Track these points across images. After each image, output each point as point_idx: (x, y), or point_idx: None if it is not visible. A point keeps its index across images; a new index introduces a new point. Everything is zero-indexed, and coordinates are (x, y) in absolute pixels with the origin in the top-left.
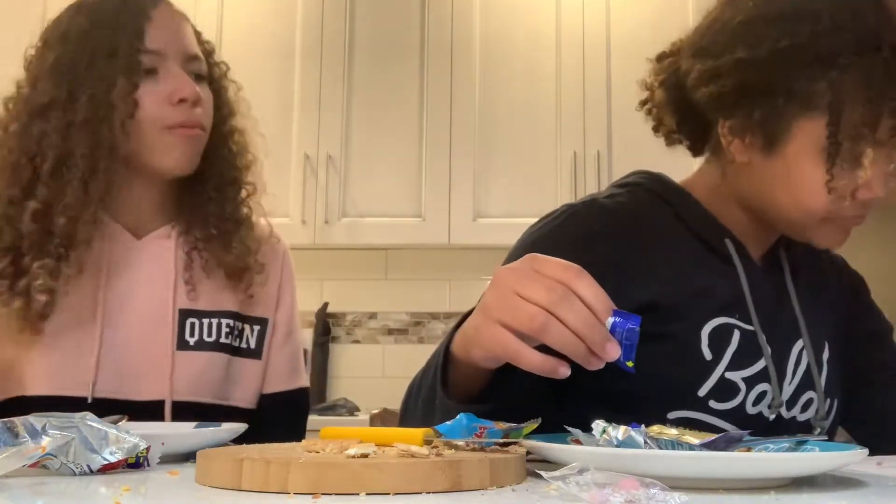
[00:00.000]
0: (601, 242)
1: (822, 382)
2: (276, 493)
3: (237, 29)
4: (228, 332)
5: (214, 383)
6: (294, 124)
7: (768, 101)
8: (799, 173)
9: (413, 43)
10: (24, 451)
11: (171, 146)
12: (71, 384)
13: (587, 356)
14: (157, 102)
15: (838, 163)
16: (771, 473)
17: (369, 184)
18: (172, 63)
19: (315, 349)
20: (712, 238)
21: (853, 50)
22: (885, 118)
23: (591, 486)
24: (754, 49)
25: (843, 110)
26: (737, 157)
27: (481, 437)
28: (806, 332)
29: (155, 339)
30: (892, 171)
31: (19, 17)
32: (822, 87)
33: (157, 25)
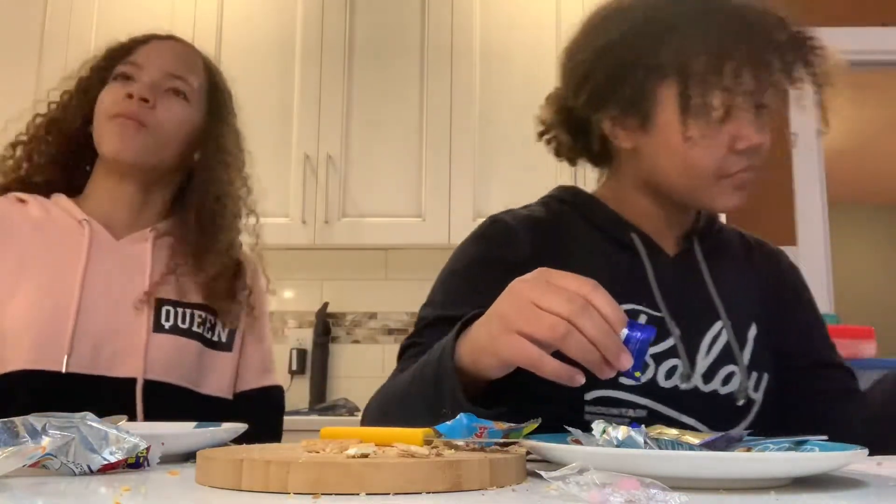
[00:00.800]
0: (520, 240)
1: (744, 357)
2: (276, 493)
3: (237, 29)
4: (201, 322)
5: (187, 368)
6: (294, 124)
7: (630, 79)
8: (675, 138)
9: (413, 43)
10: (24, 451)
11: (108, 132)
12: (45, 359)
13: (601, 365)
14: (111, 99)
15: (694, 114)
16: (771, 473)
17: (369, 184)
18: (146, 74)
19: (315, 349)
20: (619, 235)
21: (689, 15)
22: (727, 65)
23: (591, 486)
24: (608, 34)
25: (689, 66)
26: (624, 145)
27: (481, 437)
28: (724, 312)
29: (131, 320)
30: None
31: (20, 18)
32: (668, 52)
33: (149, 48)
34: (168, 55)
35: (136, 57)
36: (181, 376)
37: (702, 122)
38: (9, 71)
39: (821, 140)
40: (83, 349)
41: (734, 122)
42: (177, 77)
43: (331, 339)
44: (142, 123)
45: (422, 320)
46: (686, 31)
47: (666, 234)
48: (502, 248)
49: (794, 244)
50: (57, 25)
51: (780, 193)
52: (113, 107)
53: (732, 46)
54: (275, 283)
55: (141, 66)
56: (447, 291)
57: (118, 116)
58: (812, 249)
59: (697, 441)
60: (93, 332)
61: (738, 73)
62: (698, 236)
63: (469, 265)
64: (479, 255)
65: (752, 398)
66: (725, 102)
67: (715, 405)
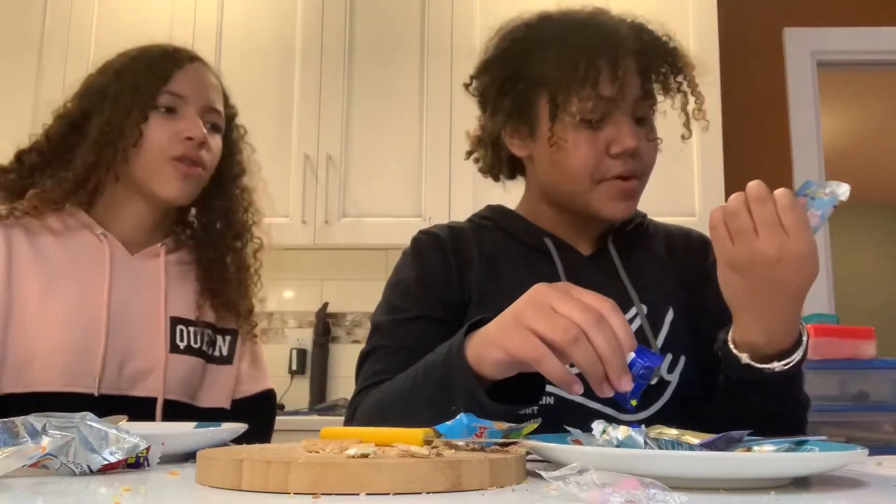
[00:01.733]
0: (429, 253)
1: (659, 340)
2: (276, 493)
3: (237, 29)
4: (207, 340)
5: (193, 386)
6: (294, 124)
7: (514, 90)
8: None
9: (413, 43)
10: (24, 451)
11: (171, 176)
12: (79, 382)
13: (602, 381)
14: (167, 136)
15: (562, 120)
16: (771, 473)
17: (369, 184)
18: (191, 108)
19: (315, 349)
20: (533, 241)
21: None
22: (587, 71)
23: (591, 486)
24: (496, 50)
25: (555, 75)
26: (520, 154)
27: (481, 437)
28: (637, 299)
29: (152, 342)
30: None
31: (20, 21)
32: (539, 63)
33: (187, 75)
34: (205, 85)
35: (178, 86)
36: (188, 393)
37: (570, 127)
38: (8, 74)
39: (819, 142)
40: (111, 370)
41: (609, 128)
42: (215, 111)
43: (331, 339)
44: (204, 168)
45: (378, 326)
46: (554, 43)
47: (579, 236)
48: (434, 255)
49: None
50: (57, 28)
51: None
52: (173, 147)
53: (590, 55)
54: (275, 284)
55: (185, 98)
56: (398, 298)
57: (181, 160)
58: None
59: (697, 441)
60: (119, 352)
61: (595, 81)
62: (613, 235)
63: (410, 273)
64: (417, 263)
65: (667, 379)
66: (585, 108)
67: None
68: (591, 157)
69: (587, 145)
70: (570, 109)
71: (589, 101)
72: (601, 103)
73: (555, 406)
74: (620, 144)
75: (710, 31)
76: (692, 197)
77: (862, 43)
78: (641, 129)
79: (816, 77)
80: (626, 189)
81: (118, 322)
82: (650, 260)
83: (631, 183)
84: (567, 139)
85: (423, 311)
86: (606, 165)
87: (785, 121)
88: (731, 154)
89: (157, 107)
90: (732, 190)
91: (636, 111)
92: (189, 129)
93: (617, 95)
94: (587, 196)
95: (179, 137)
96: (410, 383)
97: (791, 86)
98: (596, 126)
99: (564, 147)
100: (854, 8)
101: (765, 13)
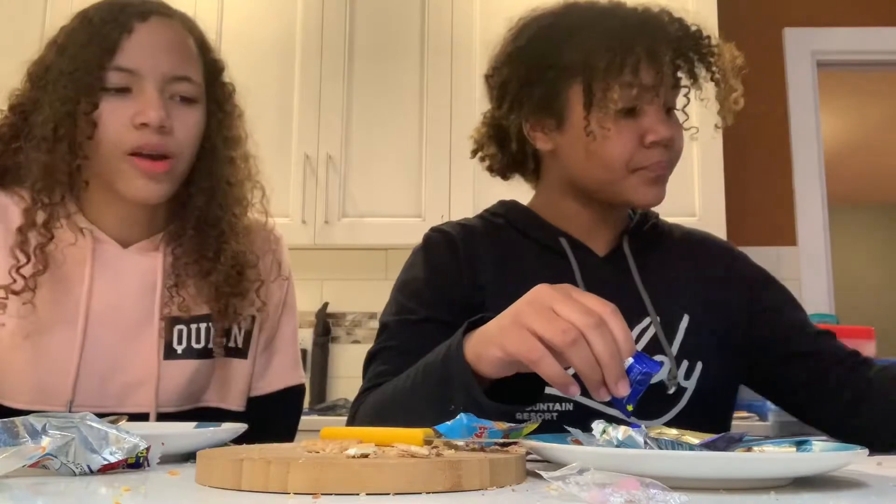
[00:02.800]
0: (438, 248)
1: (674, 347)
2: (276, 493)
3: (237, 29)
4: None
5: (200, 389)
6: (294, 124)
7: (541, 80)
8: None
9: (413, 43)
10: (24, 451)
11: (132, 175)
12: (49, 398)
13: (599, 385)
14: (118, 124)
15: (599, 110)
16: (771, 473)
17: (369, 184)
18: (148, 83)
19: (315, 349)
20: (548, 240)
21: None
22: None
23: (591, 486)
24: (519, 41)
25: (591, 64)
26: (544, 147)
27: (481, 437)
28: (651, 307)
29: (140, 349)
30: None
31: (20, 18)
32: (572, 52)
33: (137, 42)
34: (164, 48)
35: (127, 58)
36: (193, 399)
37: (608, 116)
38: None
39: (819, 142)
40: (89, 386)
41: (643, 118)
42: (182, 79)
43: (331, 339)
44: (165, 156)
45: (385, 326)
46: (587, 31)
47: (595, 234)
48: (445, 255)
49: (794, 244)
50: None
51: (780, 193)
52: (127, 139)
53: (629, 42)
54: None
55: (137, 72)
56: (407, 298)
57: (137, 154)
58: (812, 249)
59: (697, 441)
60: (100, 367)
61: (635, 68)
62: (629, 235)
63: (420, 273)
64: (427, 264)
65: (683, 386)
66: (625, 96)
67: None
68: (628, 147)
69: (624, 134)
70: (610, 97)
71: (628, 88)
72: (640, 91)
73: (573, 412)
74: (656, 134)
75: (710, 30)
76: (692, 197)
77: (862, 43)
78: (673, 118)
79: (816, 77)
80: (657, 176)
81: (99, 333)
82: (666, 262)
83: (664, 169)
84: (605, 128)
85: (431, 313)
86: (642, 155)
87: (785, 121)
88: (731, 154)
89: (106, 88)
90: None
91: (668, 100)
92: (142, 111)
93: (655, 83)
94: (620, 184)
95: (134, 124)
96: (410, 382)
97: (791, 86)
98: (632, 115)
99: (602, 136)
100: (854, 8)
101: (765, 13)
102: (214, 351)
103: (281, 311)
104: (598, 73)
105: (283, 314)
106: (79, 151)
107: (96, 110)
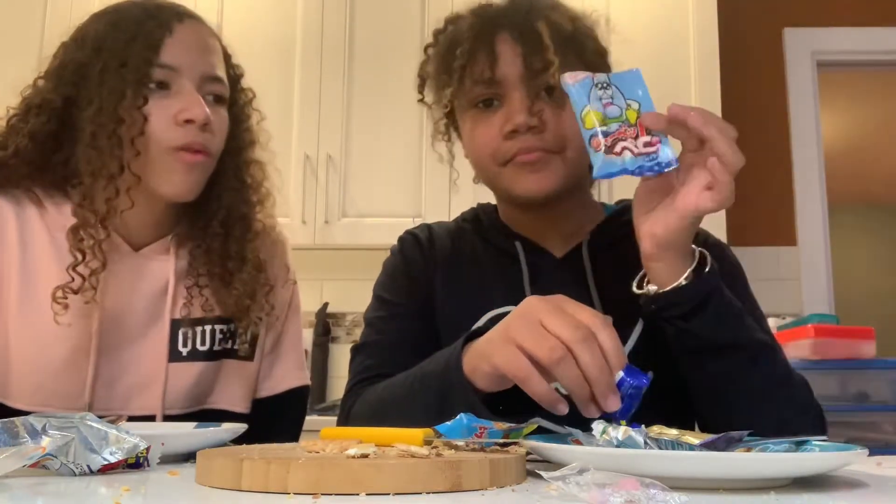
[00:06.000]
0: (411, 249)
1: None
2: (276, 493)
3: (237, 29)
4: (222, 337)
5: (205, 392)
6: (294, 124)
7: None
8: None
9: (413, 43)
10: (24, 452)
11: (172, 170)
12: (57, 401)
13: (588, 402)
14: (163, 120)
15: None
16: (771, 473)
17: (369, 184)
18: (187, 81)
19: (315, 349)
20: (505, 244)
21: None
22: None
23: (591, 486)
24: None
25: (436, 68)
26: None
27: (481, 437)
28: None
29: (147, 353)
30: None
31: (20, 18)
32: (430, 64)
33: (178, 40)
34: (201, 49)
35: (170, 56)
36: (198, 401)
37: (468, 115)
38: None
39: (819, 142)
40: (99, 391)
41: (503, 109)
42: (216, 80)
43: (331, 339)
44: (208, 154)
45: (369, 322)
46: (438, 37)
47: (551, 236)
48: (416, 254)
49: (794, 244)
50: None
51: (780, 193)
52: (172, 135)
53: (462, 37)
54: None
55: (178, 69)
56: (387, 293)
57: (184, 150)
58: (812, 249)
59: (697, 441)
60: (109, 371)
61: (468, 61)
62: (595, 233)
63: (397, 269)
64: (402, 262)
65: None
66: (469, 92)
67: None
68: (487, 141)
69: (481, 129)
70: (460, 97)
71: (469, 84)
72: (477, 86)
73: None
74: (511, 122)
75: (710, 31)
76: None
77: (862, 43)
78: (550, 102)
79: (816, 77)
80: (529, 161)
81: (111, 338)
82: (628, 264)
83: (534, 155)
84: (466, 125)
85: (410, 307)
86: (506, 146)
87: (785, 121)
88: None
89: (151, 85)
90: None
91: (534, 85)
92: (186, 108)
93: (492, 75)
94: (499, 178)
95: (178, 121)
96: (408, 391)
97: (791, 86)
98: (491, 107)
99: (466, 135)
100: (854, 8)
101: (765, 13)
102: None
103: (287, 313)
104: (440, 76)
105: (289, 316)
106: (130, 147)
107: (146, 105)
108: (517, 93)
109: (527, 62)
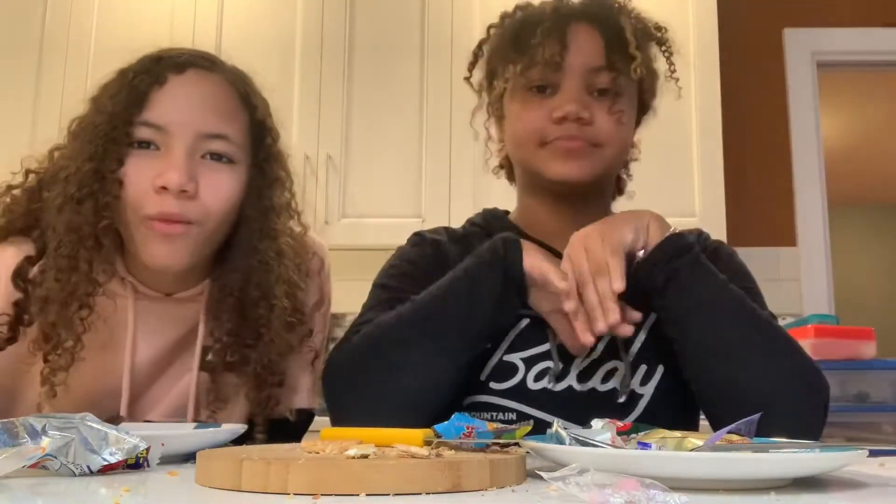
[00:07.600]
0: (427, 245)
1: (630, 351)
2: (276, 493)
3: (237, 29)
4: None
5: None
6: (294, 124)
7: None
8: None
9: (413, 43)
10: (23, 452)
11: (147, 239)
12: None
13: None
14: (142, 185)
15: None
16: (771, 473)
17: (369, 184)
18: (177, 141)
19: None
20: None
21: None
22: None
23: (591, 486)
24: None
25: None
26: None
27: (469, 437)
28: None
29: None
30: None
31: (19, 21)
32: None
33: (170, 95)
34: (198, 104)
35: (155, 112)
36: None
37: (520, 96)
38: (8, 75)
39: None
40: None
41: (557, 96)
42: (215, 136)
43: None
44: (187, 222)
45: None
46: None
47: (564, 236)
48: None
49: (794, 244)
50: (57, 29)
51: (780, 193)
52: (146, 204)
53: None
54: None
55: (165, 129)
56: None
57: (156, 220)
58: (812, 249)
59: (699, 441)
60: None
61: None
62: None
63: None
64: (415, 252)
65: (639, 393)
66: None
67: (592, 404)
68: (534, 122)
69: (532, 111)
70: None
71: (530, 67)
72: (542, 69)
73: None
74: (562, 109)
75: (710, 31)
76: (692, 197)
77: (862, 43)
78: (600, 101)
79: (816, 77)
80: (568, 148)
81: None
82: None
83: (575, 143)
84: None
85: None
86: (551, 129)
87: (785, 121)
88: (731, 154)
89: (133, 144)
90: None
91: (592, 81)
92: (162, 174)
93: (560, 61)
94: (533, 159)
95: (153, 187)
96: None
97: (791, 86)
98: (544, 94)
99: (514, 115)
100: (854, 8)
101: (765, 13)
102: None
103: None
104: (505, 53)
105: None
106: (104, 212)
107: (122, 167)
108: (576, 82)
109: (605, 59)
